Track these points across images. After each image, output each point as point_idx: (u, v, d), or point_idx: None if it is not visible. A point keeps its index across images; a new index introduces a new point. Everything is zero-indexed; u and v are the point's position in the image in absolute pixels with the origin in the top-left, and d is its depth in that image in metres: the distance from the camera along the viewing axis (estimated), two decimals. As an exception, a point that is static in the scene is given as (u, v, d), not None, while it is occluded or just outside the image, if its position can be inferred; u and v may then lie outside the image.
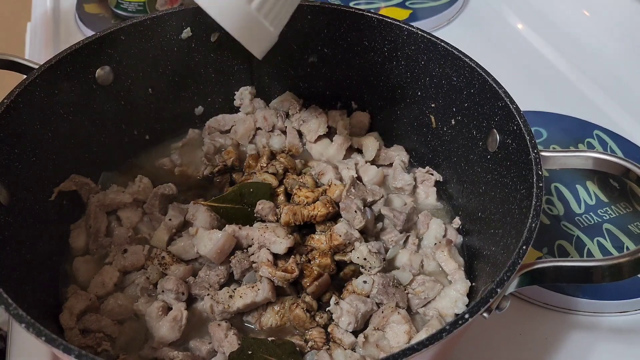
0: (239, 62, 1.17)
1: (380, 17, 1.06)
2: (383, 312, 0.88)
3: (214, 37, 1.11)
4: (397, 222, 0.99)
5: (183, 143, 1.16)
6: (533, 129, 0.89)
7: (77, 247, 0.98)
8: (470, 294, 0.91)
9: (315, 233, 0.97)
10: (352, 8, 1.08)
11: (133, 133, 1.13)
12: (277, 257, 0.91)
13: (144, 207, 1.02)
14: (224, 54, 1.14)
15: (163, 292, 0.90)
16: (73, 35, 1.56)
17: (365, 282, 0.91)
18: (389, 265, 0.97)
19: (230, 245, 0.92)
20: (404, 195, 1.08)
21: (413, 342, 0.77)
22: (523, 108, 0.88)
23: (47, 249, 0.93)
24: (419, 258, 0.97)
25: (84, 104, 1.01)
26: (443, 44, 1.00)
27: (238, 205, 0.98)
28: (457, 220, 1.04)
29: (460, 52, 0.98)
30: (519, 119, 0.86)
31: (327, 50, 1.14)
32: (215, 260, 0.91)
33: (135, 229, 1.01)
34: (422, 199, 1.09)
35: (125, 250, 0.95)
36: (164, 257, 0.93)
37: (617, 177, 1.14)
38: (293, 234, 0.94)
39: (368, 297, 0.91)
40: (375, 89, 1.14)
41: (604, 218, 1.13)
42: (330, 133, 1.16)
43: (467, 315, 0.66)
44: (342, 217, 0.97)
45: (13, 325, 0.98)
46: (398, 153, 1.13)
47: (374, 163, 1.12)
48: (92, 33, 1.07)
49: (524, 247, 0.73)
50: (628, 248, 1.08)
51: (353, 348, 0.86)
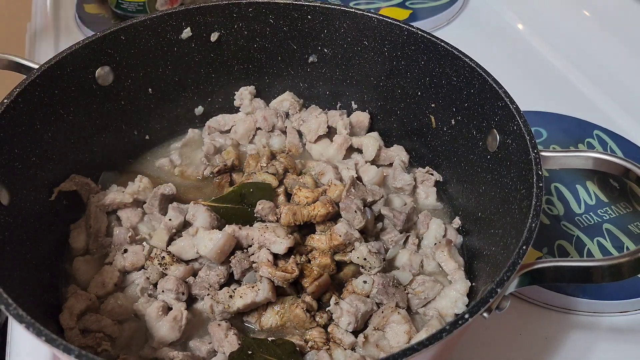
0: (239, 62, 1.17)
1: (380, 17, 1.06)
2: (383, 312, 0.88)
3: (214, 37, 1.12)
4: (397, 222, 0.99)
5: (183, 143, 1.16)
6: (533, 129, 0.88)
7: (77, 247, 0.98)
8: (470, 294, 0.91)
9: (315, 233, 0.97)
10: (352, 8, 1.08)
11: (133, 133, 1.13)
12: (277, 257, 0.91)
13: (144, 207, 1.02)
14: (224, 54, 1.15)
15: (163, 292, 0.90)
16: (73, 35, 1.56)
17: (365, 282, 0.91)
18: (389, 266, 0.97)
19: (230, 245, 0.92)
20: (404, 195, 1.08)
21: (413, 342, 0.77)
22: (523, 108, 0.88)
23: (47, 249, 0.93)
24: (419, 258, 0.97)
25: (84, 104, 1.02)
26: (443, 44, 1.00)
27: (238, 205, 0.99)
28: (457, 220, 1.04)
29: (460, 52, 0.98)
30: (519, 119, 0.86)
31: (327, 50, 1.14)
32: (215, 260, 0.91)
33: (135, 229, 1.01)
34: (422, 199, 1.09)
35: (125, 250, 0.95)
36: (164, 257, 0.93)
37: (617, 177, 1.14)
38: (293, 234, 0.94)
39: (368, 297, 0.91)
40: (375, 89, 1.14)
41: (604, 218, 1.13)
42: (330, 133, 1.16)
43: (467, 315, 0.66)
44: (342, 217, 0.97)
45: (13, 325, 0.98)
46: (398, 153, 1.13)
47: (374, 163, 1.12)
48: (92, 33, 1.08)
49: (524, 247, 0.73)
50: (628, 248, 1.08)
51: (353, 348, 0.86)
